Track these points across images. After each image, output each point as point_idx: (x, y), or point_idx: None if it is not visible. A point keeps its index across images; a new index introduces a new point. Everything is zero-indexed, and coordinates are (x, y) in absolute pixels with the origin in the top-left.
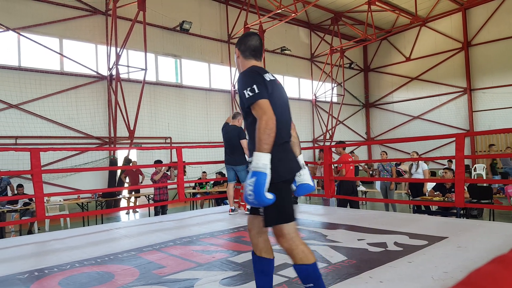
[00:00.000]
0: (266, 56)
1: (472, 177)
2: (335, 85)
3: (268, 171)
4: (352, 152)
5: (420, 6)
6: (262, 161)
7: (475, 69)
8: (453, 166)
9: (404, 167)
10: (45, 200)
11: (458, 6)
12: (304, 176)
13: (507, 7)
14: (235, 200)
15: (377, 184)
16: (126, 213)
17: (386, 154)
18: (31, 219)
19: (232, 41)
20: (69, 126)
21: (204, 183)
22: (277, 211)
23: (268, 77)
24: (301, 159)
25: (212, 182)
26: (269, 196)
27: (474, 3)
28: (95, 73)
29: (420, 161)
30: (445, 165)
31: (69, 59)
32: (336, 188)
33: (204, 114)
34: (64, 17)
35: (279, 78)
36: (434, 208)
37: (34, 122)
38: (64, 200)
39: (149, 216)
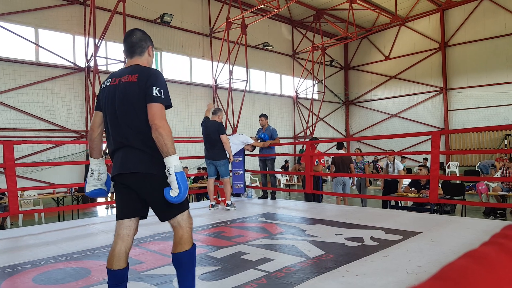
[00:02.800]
0: (248, 51)
1: (446, 174)
2: (316, 82)
3: (89, 174)
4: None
5: (400, 5)
6: (90, 165)
7: (451, 69)
8: (428, 164)
9: (382, 163)
10: (18, 195)
11: (436, 7)
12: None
13: (483, 9)
14: (214, 196)
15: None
16: (106, 208)
17: (361, 150)
18: (4, 214)
19: (214, 35)
20: (44, 118)
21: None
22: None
23: (103, 85)
24: (167, 161)
25: (192, 177)
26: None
27: (452, 5)
28: (72, 65)
29: (396, 161)
30: (420, 162)
31: (45, 49)
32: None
33: (185, 108)
34: (40, 6)
35: (260, 73)
36: (409, 204)
37: (7, 114)
38: (38, 194)
39: None
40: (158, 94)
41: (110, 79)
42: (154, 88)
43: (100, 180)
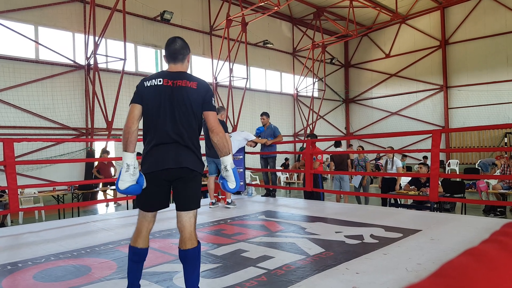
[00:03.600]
0: (248, 49)
1: (446, 172)
2: (316, 80)
3: (124, 169)
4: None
5: (400, 3)
6: (124, 160)
7: (451, 67)
8: (427, 162)
9: (383, 161)
10: (18, 192)
11: (437, 5)
12: (227, 177)
13: (484, 7)
14: (215, 194)
15: (354, 179)
16: (106, 206)
17: (363, 148)
18: (4, 211)
19: (214, 33)
20: (44, 116)
21: None
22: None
23: (150, 83)
24: (225, 160)
25: None
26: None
27: (452, 2)
28: (72, 62)
29: (395, 159)
30: (420, 160)
31: (45, 47)
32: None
33: None
34: (40, 3)
35: (261, 71)
36: (409, 201)
37: (7, 112)
38: (39, 192)
39: (127, 209)
40: (214, 104)
41: (159, 79)
42: (213, 99)
43: (135, 175)
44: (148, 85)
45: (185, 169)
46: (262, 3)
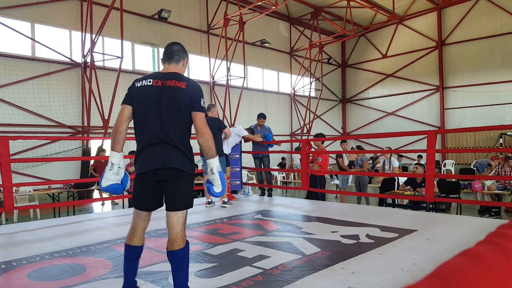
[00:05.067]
0: (245, 48)
1: (442, 173)
2: (313, 79)
3: (108, 167)
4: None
5: (397, 4)
6: (110, 158)
7: (447, 68)
8: (422, 161)
9: (379, 165)
10: (13, 190)
11: (433, 6)
12: (213, 180)
13: (480, 8)
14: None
15: (350, 178)
16: (102, 204)
17: (363, 148)
18: None
19: (211, 31)
20: (40, 114)
21: None
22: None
23: (141, 83)
24: (211, 162)
25: None
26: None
27: (449, 3)
28: (69, 60)
29: (392, 159)
30: (416, 160)
31: (42, 44)
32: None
33: None
34: (37, 0)
35: (258, 70)
36: (405, 201)
37: (3, 109)
38: (34, 190)
39: (123, 208)
40: (203, 105)
41: (149, 80)
42: (201, 100)
43: (119, 175)
44: (138, 85)
45: (174, 170)
46: (260, 3)
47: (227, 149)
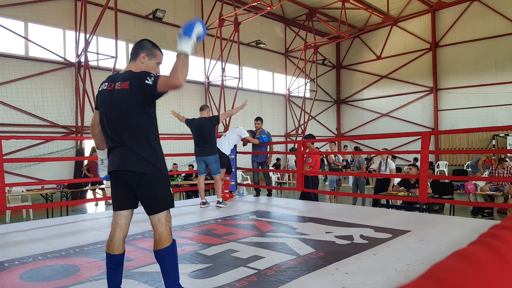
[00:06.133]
0: (241, 49)
1: (435, 174)
2: (308, 80)
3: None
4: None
5: (392, 5)
6: (98, 156)
7: (441, 70)
8: (418, 163)
9: (374, 166)
10: (6, 190)
11: (427, 8)
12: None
13: (473, 11)
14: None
15: (350, 179)
16: (95, 205)
17: (360, 149)
18: None
19: (206, 32)
20: (33, 113)
21: (175, 176)
22: None
23: (101, 87)
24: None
25: (183, 174)
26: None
27: (443, 5)
28: (63, 60)
29: (388, 160)
30: (410, 161)
31: (35, 43)
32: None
33: (176, 105)
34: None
35: (253, 71)
36: (399, 202)
37: None
38: (27, 190)
39: None
40: (151, 79)
41: (106, 83)
42: (146, 79)
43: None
44: (100, 89)
45: (134, 173)
46: (255, 3)
47: (227, 149)
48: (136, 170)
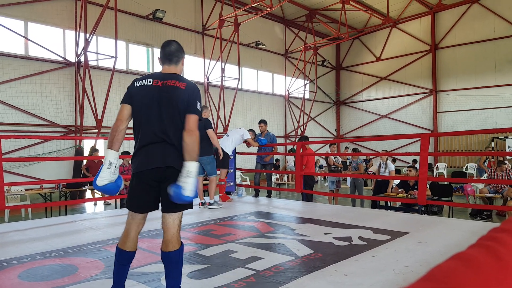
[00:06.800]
0: (240, 49)
1: (434, 176)
2: (308, 81)
3: (105, 166)
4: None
5: (391, 7)
6: (107, 157)
7: (441, 71)
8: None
9: (373, 168)
10: (5, 190)
11: (427, 10)
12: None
13: (473, 13)
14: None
15: (348, 180)
16: (94, 205)
17: (359, 150)
18: None
19: (206, 32)
20: (33, 113)
21: None
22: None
23: (140, 83)
24: (191, 165)
25: None
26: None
27: (443, 7)
28: (62, 59)
29: (388, 162)
30: (409, 163)
31: (35, 43)
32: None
33: None
34: None
35: (253, 72)
36: (397, 204)
37: None
38: (26, 190)
39: (116, 208)
40: (198, 109)
41: (149, 79)
42: (198, 102)
43: (115, 174)
44: (138, 85)
45: (171, 169)
46: (255, 4)
47: (230, 149)
48: (177, 167)
